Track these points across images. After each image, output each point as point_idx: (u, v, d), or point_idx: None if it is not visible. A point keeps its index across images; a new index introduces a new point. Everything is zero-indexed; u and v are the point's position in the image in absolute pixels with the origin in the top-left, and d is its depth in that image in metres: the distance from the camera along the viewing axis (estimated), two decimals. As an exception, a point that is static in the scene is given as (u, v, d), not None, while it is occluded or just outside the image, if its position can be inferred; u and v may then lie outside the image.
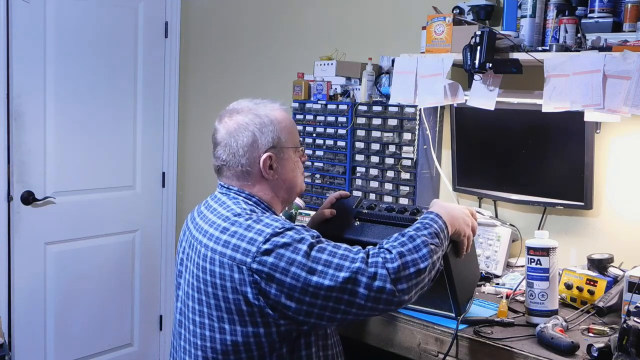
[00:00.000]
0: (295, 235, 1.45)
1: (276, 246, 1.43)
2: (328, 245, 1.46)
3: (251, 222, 1.49)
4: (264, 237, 1.44)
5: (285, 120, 1.65)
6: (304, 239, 1.44)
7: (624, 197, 2.14)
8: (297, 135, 1.69)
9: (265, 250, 1.42)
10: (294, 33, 3.16)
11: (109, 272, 3.44)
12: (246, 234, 1.47)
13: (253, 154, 1.59)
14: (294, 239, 1.44)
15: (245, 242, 1.46)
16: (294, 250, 1.42)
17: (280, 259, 1.41)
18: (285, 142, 1.63)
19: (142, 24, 3.47)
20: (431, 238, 1.50)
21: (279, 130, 1.62)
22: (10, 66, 2.96)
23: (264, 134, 1.60)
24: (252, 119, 1.61)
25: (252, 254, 1.43)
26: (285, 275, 1.41)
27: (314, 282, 1.40)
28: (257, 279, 1.42)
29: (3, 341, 2.55)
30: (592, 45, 1.94)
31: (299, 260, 1.41)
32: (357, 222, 1.83)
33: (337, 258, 1.42)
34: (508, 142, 2.32)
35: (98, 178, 3.35)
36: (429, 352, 1.81)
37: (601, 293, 1.85)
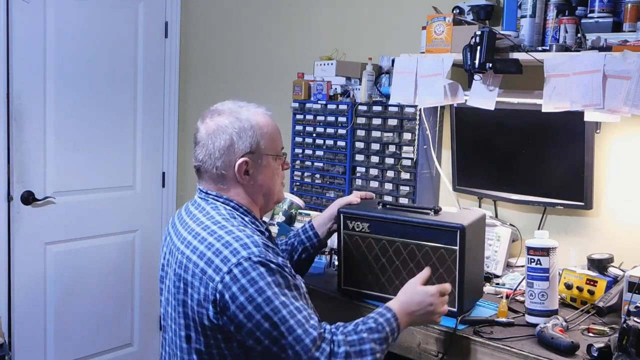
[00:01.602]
0: (266, 273, 1.44)
1: (244, 275, 1.43)
2: (292, 302, 1.44)
3: (230, 239, 1.48)
4: (237, 260, 1.44)
5: (267, 127, 1.62)
6: (272, 283, 1.43)
7: (624, 197, 2.14)
8: (280, 143, 1.67)
9: (233, 276, 1.43)
10: (294, 33, 3.16)
11: (109, 272, 3.44)
12: (222, 250, 1.47)
13: (229, 157, 1.58)
14: (263, 276, 1.43)
15: (219, 259, 1.46)
16: (258, 290, 1.42)
17: (243, 292, 1.42)
18: (265, 148, 1.61)
19: (142, 24, 3.47)
20: (379, 344, 1.51)
21: (259, 135, 1.60)
22: (10, 66, 2.96)
23: (241, 139, 1.59)
24: (232, 122, 1.59)
25: (222, 273, 1.44)
26: (241, 311, 1.42)
27: (263, 329, 1.42)
28: (218, 299, 1.44)
29: (3, 341, 2.55)
30: (592, 45, 1.94)
31: (258, 302, 1.41)
32: (380, 207, 1.97)
33: (294, 321, 1.42)
34: (508, 142, 2.32)
35: (98, 178, 3.35)
36: (429, 352, 1.81)
37: (601, 293, 1.85)
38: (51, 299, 3.21)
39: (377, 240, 1.94)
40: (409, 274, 1.90)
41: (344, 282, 2.02)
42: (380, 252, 1.93)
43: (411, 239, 1.88)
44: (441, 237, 1.83)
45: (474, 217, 1.91)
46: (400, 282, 1.91)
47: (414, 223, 1.87)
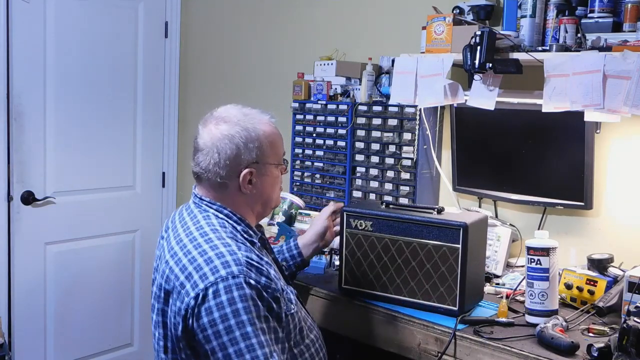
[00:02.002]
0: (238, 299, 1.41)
1: (215, 297, 1.41)
2: (255, 335, 1.40)
3: (213, 255, 1.47)
4: (214, 279, 1.42)
5: (272, 136, 1.61)
6: (240, 311, 1.40)
7: (623, 197, 2.14)
8: (282, 151, 1.66)
9: (206, 295, 1.41)
10: (294, 33, 3.16)
11: (109, 272, 3.44)
12: (203, 266, 1.45)
13: (234, 167, 1.57)
14: (233, 302, 1.40)
15: (198, 275, 1.45)
16: (222, 317, 1.40)
17: (209, 314, 1.41)
18: (268, 158, 1.61)
19: (142, 24, 3.47)
20: None
21: (264, 146, 1.59)
22: (10, 66, 2.96)
23: (248, 149, 1.57)
24: (239, 132, 1.57)
25: (197, 290, 1.43)
26: (201, 331, 1.42)
27: (217, 356, 1.40)
28: (188, 314, 1.44)
29: (3, 341, 2.55)
30: (592, 45, 1.94)
31: (219, 329, 1.40)
32: (383, 206, 1.99)
33: (249, 357, 1.39)
34: (508, 142, 2.32)
35: (98, 178, 3.35)
36: (429, 352, 1.81)
37: (601, 293, 1.85)
38: (51, 299, 3.21)
39: (379, 239, 1.94)
40: (411, 273, 1.91)
41: (345, 282, 2.02)
42: (382, 250, 1.94)
43: (414, 237, 1.89)
44: (444, 236, 1.84)
45: (476, 217, 1.92)
46: (402, 281, 1.92)
47: (417, 221, 1.88)
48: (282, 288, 1.57)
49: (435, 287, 1.87)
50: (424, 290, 1.89)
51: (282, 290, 1.55)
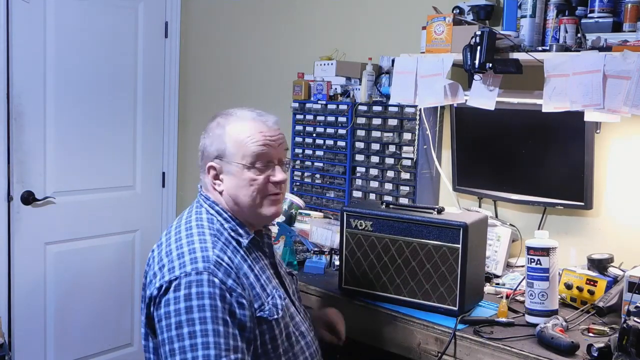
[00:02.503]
0: (195, 295, 1.40)
1: (175, 290, 1.42)
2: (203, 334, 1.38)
3: (186, 250, 1.48)
4: (179, 273, 1.44)
5: (241, 133, 1.55)
6: (194, 308, 1.40)
7: (623, 197, 2.14)
8: (253, 151, 1.55)
9: (168, 287, 1.43)
10: (294, 33, 3.16)
11: (109, 272, 3.44)
12: (174, 259, 1.48)
13: (204, 160, 1.61)
14: (189, 298, 1.40)
15: (167, 267, 1.47)
16: (177, 311, 1.41)
17: (166, 305, 1.42)
18: (231, 155, 1.56)
19: (142, 24, 3.47)
20: None
21: (228, 141, 1.56)
22: (10, 66, 2.96)
23: (213, 143, 1.58)
24: (214, 126, 1.60)
25: (162, 281, 1.45)
26: (157, 322, 1.44)
27: (164, 349, 1.41)
28: (149, 303, 1.47)
29: (3, 341, 2.55)
30: (592, 45, 1.94)
31: (170, 322, 1.40)
32: (383, 206, 2.00)
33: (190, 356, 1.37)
34: (508, 142, 2.32)
35: (98, 178, 3.35)
36: (429, 352, 1.81)
37: (601, 293, 1.85)
38: (51, 299, 3.21)
39: (379, 239, 1.94)
40: (411, 272, 1.91)
41: (345, 282, 2.02)
42: (382, 250, 1.94)
43: (414, 237, 1.89)
44: (444, 235, 1.84)
45: (477, 217, 1.93)
46: (402, 281, 1.92)
47: (417, 221, 1.88)
48: (269, 293, 1.54)
49: (435, 287, 1.87)
50: (424, 290, 1.89)
51: (259, 296, 1.51)
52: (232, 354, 1.40)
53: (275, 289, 1.58)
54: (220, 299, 1.42)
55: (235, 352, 1.41)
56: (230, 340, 1.40)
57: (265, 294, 1.53)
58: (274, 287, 1.59)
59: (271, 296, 1.55)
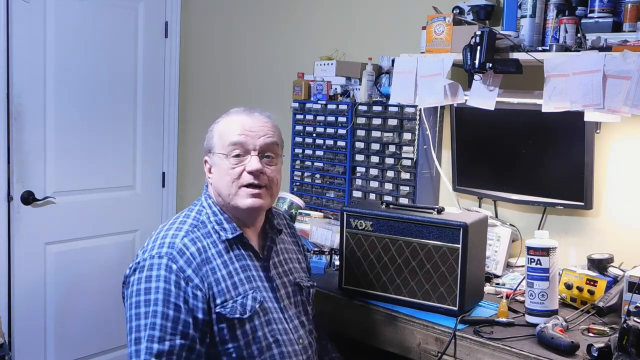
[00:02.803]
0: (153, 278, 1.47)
1: (140, 271, 1.50)
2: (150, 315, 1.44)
3: (162, 235, 1.55)
4: (147, 255, 1.51)
5: (224, 125, 1.61)
6: (149, 290, 1.46)
7: (624, 197, 2.14)
8: (228, 140, 1.57)
9: (136, 267, 1.51)
10: (294, 33, 3.16)
11: (109, 272, 3.43)
12: (150, 242, 1.55)
13: (203, 156, 1.66)
14: (148, 280, 1.47)
15: (142, 250, 1.55)
16: (136, 291, 1.48)
17: (130, 286, 1.51)
18: (215, 147, 1.61)
19: (142, 24, 3.47)
20: None
21: (214, 134, 1.62)
22: (10, 66, 2.96)
23: (207, 139, 1.64)
24: (211, 124, 1.66)
25: (134, 263, 1.53)
26: (125, 300, 1.53)
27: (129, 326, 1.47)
28: (124, 282, 1.55)
29: (3, 341, 2.55)
30: (592, 45, 1.94)
31: (131, 301, 1.48)
32: (383, 206, 2.00)
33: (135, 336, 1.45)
34: (508, 142, 2.32)
35: (98, 178, 3.35)
36: (429, 352, 1.81)
37: (601, 293, 1.85)
38: (51, 299, 3.21)
39: (379, 239, 1.94)
40: (411, 272, 1.91)
41: (345, 281, 2.02)
42: (382, 250, 1.94)
43: (414, 237, 1.89)
44: (444, 235, 1.84)
45: (477, 217, 1.93)
46: (402, 281, 1.92)
47: (417, 221, 1.88)
48: (241, 292, 1.54)
49: (435, 287, 1.87)
50: (424, 290, 1.89)
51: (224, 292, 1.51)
52: (179, 339, 1.44)
53: (253, 290, 1.57)
54: (175, 285, 1.47)
55: (183, 338, 1.45)
56: (179, 326, 1.45)
57: (235, 292, 1.53)
58: (253, 288, 1.57)
59: (242, 295, 1.54)
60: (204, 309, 1.48)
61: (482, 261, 2.01)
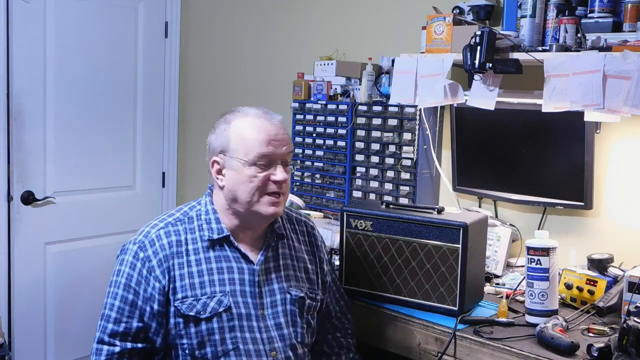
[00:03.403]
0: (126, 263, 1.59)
1: (121, 253, 1.62)
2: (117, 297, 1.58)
3: (148, 223, 1.65)
4: (132, 240, 1.62)
5: (245, 129, 1.55)
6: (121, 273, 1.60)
7: (624, 197, 2.14)
8: (257, 150, 1.54)
9: (121, 251, 1.64)
10: (294, 33, 3.16)
11: (109, 272, 3.38)
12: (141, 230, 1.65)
13: (209, 156, 1.62)
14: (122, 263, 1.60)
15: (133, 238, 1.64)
16: (115, 272, 1.62)
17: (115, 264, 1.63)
18: (233, 151, 1.55)
19: (142, 24, 3.47)
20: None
21: (231, 136, 1.56)
22: (10, 66, 2.95)
23: (217, 137, 1.59)
24: (222, 122, 1.61)
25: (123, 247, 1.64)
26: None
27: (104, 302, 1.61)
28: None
29: (3, 341, 2.55)
30: (592, 45, 1.94)
31: (110, 280, 1.62)
32: (383, 206, 2.00)
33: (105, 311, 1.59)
34: (508, 142, 2.32)
35: (98, 178, 3.35)
36: (429, 352, 1.81)
37: (601, 293, 1.85)
38: (51, 299, 3.21)
39: (379, 239, 1.94)
40: (411, 272, 1.91)
41: (345, 281, 2.02)
42: (382, 250, 1.94)
43: (414, 237, 1.89)
44: (444, 236, 1.84)
45: (477, 217, 1.93)
46: (402, 281, 1.92)
47: (417, 221, 1.88)
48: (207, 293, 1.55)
49: (435, 287, 1.87)
50: (424, 290, 1.89)
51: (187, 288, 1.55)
52: (135, 322, 1.55)
53: (223, 294, 1.55)
54: (138, 273, 1.56)
55: (139, 321, 1.55)
56: (136, 310, 1.55)
57: (201, 291, 1.55)
58: (224, 291, 1.55)
59: (207, 296, 1.54)
60: (160, 300, 1.54)
61: (482, 261, 2.01)
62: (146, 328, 1.55)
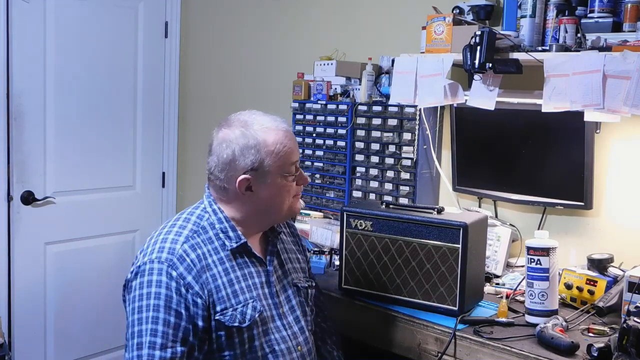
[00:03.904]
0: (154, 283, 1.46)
1: (140, 276, 1.49)
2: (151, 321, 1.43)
3: (161, 238, 1.53)
4: (147, 259, 1.50)
5: (274, 145, 1.56)
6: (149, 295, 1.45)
7: (623, 197, 2.14)
8: (289, 161, 1.59)
9: (137, 272, 1.50)
10: (294, 33, 3.16)
11: (109, 272, 3.43)
12: (149, 246, 1.53)
13: (230, 172, 1.56)
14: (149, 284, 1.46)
15: (143, 253, 1.53)
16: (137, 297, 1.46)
17: (131, 291, 1.49)
18: (270, 166, 1.56)
19: (142, 24, 3.47)
20: None
21: (264, 154, 1.55)
22: (10, 66, 2.95)
23: (244, 156, 1.54)
24: (237, 138, 1.55)
25: (134, 267, 1.52)
26: (126, 305, 1.51)
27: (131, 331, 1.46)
28: (125, 287, 1.55)
29: (3, 341, 2.55)
30: (592, 45, 1.94)
31: (132, 306, 1.47)
32: (383, 206, 2.00)
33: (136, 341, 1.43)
34: (508, 142, 2.32)
35: (98, 178, 3.35)
36: (429, 352, 1.81)
37: (601, 293, 1.85)
38: (51, 299, 3.21)
39: (379, 239, 1.94)
40: (411, 272, 1.91)
41: (345, 281, 2.02)
42: (382, 250, 1.94)
43: (414, 237, 1.89)
44: (444, 236, 1.84)
45: (477, 217, 1.93)
46: (402, 281, 1.92)
47: (417, 221, 1.88)
48: (241, 301, 1.53)
49: (435, 287, 1.87)
50: (424, 290, 1.89)
51: (224, 299, 1.51)
52: (179, 346, 1.44)
53: (253, 299, 1.56)
54: (176, 292, 1.46)
55: (183, 345, 1.44)
56: (179, 333, 1.44)
57: (235, 300, 1.52)
58: (253, 297, 1.56)
59: (242, 304, 1.53)
60: (204, 316, 1.48)
61: (482, 261, 2.01)
62: (191, 349, 1.47)
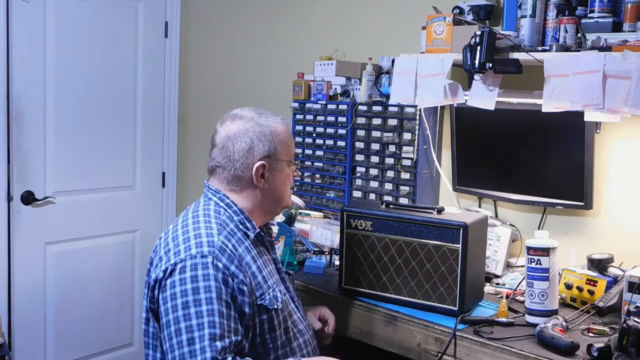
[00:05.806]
0: (201, 277, 1.46)
1: (181, 272, 1.47)
2: (210, 313, 1.43)
3: (192, 235, 1.54)
4: (184, 256, 1.49)
5: (283, 134, 1.69)
6: (200, 289, 1.45)
7: (624, 198, 2.14)
8: (293, 151, 1.74)
9: (174, 269, 1.48)
10: (294, 33, 3.16)
11: (109, 272, 3.44)
12: (180, 243, 1.53)
13: (247, 159, 1.64)
14: (195, 279, 1.46)
15: (173, 251, 1.52)
16: (183, 292, 1.45)
17: (172, 287, 1.47)
18: (280, 154, 1.68)
19: (142, 24, 3.47)
20: None
21: (277, 142, 1.67)
22: (10, 66, 2.96)
23: (261, 143, 1.64)
24: (253, 127, 1.65)
25: (167, 264, 1.50)
26: (163, 303, 1.48)
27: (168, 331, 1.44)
28: (155, 285, 1.52)
29: (3, 341, 2.55)
30: (592, 45, 1.94)
31: (176, 303, 1.45)
32: (383, 206, 2.00)
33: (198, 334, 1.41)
34: (508, 142, 2.32)
35: (98, 178, 3.35)
36: (429, 352, 1.81)
37: (601, 293, 1.85)
38: (51, 299, 3.21)
39: (379, 239, 1.94)
40: (411, 272, 1.91)
41: (345, 281, 2.02)
42: (382, 250, 1.94)
43: (414, 237, 1.89)
44: (444, 235, 1.84)
45: (477, 217, 1.93)
46: (402, 281, 1.92)
47: (417, 221, 1.88)
48: (270, 285, 1.61)
49: (435, 287, 1.87)
50: (424, 290, 1.89)
51: (260, 285, 1.57)
52: (233, 336, 1.46)
53: (276, 284, 1.65)
54: (224, 283, 1.48)
55: (235, 335, 1.46)
56: (232, 323, 1.46)
57: (266, 285, 1.59)
58: (275, 282, 1.65)
59: (272, 289, 1.61)
60: (250, 303, 1.53)
61: (482, 261, 2.01)
62: (242, 337, 1.50)
